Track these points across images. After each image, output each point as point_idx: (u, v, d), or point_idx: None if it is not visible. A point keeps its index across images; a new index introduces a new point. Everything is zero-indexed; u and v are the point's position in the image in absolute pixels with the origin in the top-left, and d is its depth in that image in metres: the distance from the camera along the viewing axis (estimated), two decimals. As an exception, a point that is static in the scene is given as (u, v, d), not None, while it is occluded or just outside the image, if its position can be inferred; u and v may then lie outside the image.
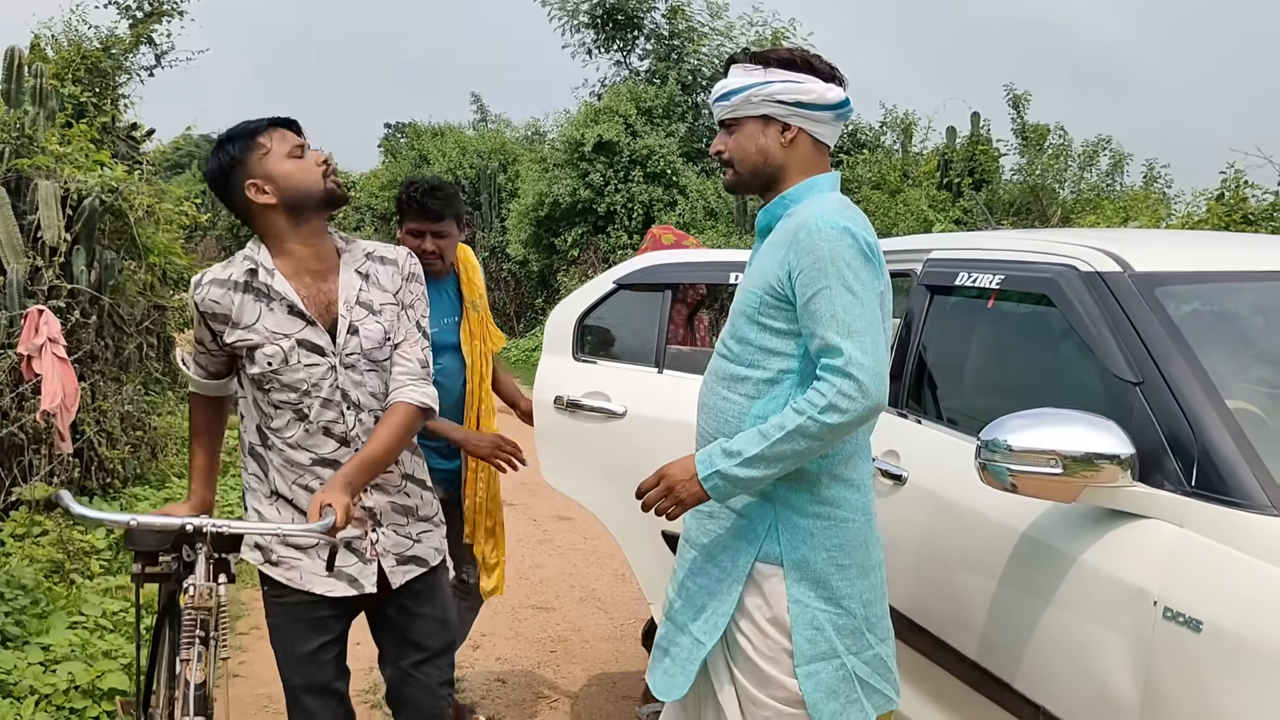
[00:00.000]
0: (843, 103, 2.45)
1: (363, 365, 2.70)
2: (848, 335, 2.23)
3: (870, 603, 2.45)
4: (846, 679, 2.40)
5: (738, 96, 2.44)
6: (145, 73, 11.19)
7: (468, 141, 23.61)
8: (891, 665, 2.51)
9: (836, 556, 2.39)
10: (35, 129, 6.82)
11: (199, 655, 2.41)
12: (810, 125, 2.44)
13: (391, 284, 2.78)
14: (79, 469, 6.35)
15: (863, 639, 2.43)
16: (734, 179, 2.54)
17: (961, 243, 3.48)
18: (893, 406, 3.34)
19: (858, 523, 2.42)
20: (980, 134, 14.26)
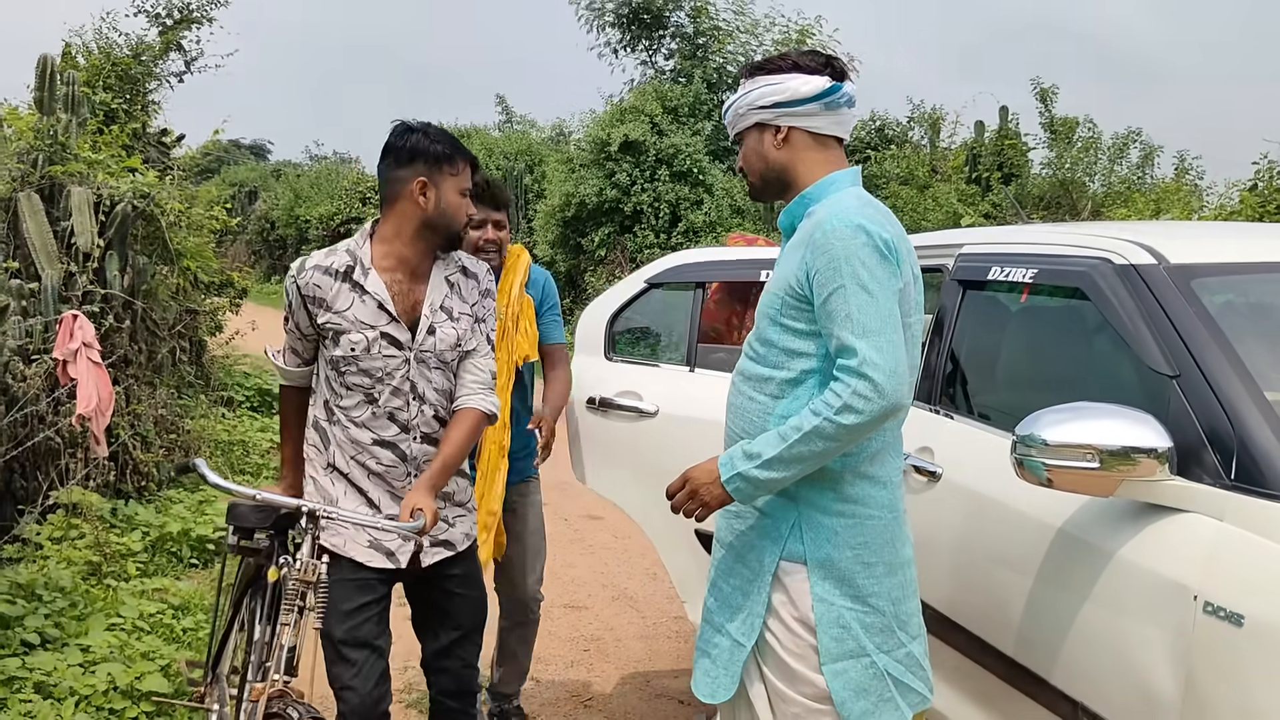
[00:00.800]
0: (826, 91, 2.43)
1: (433, 363, 2.92)
2: (862, 335, 2.22)
3: (900, 600, 2.43)
4: (878, 677, 2.38)
5: (730, 113, 2.55)
6: (175, 79, 11.29)
7: (493, 143, 23.69)
8: (924, 662, 2.49)
9: (862, 554, 2.38)
10: (68, 136, 6.88)
11: (295, 623, 2.65)
12: (798, 121, 2.45)
13: (471, 296, 3.00)
14: (114, 472, 6.41)
15: (894, 637, 2.41)
16: (751, 189, 2.62)
17: (993, 237, 3.46)
18: (926, 403, 3.33)
19: (884, 520, 2.40)
20: (1009, 128, 14.17)
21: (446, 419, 2.96)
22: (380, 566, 2.94)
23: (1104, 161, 13.35)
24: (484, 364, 3.00)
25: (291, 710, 2.58)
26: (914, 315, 2.41)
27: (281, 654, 2.65)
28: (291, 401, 3.12)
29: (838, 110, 2.46)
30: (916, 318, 2.44)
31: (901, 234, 2.40)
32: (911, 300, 2.40)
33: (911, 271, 2.40)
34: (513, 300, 3.68)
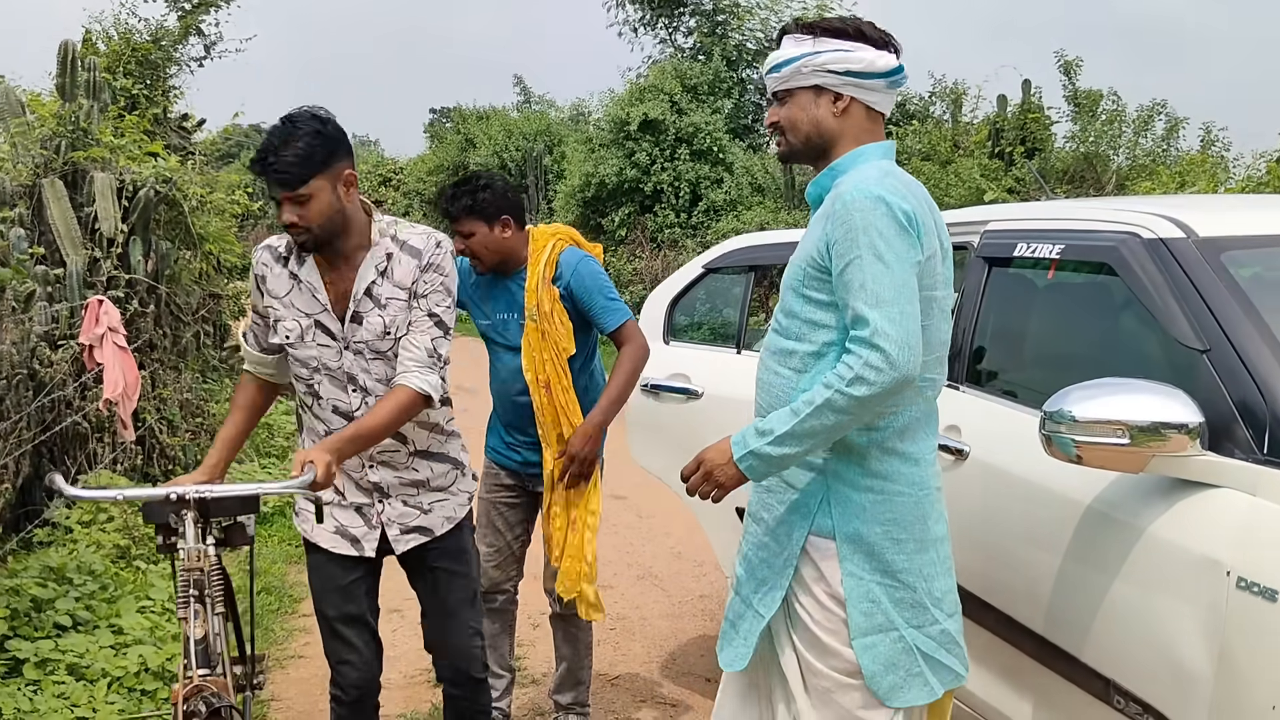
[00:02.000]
0: (895, 70, 2.41)
1: (368, 353, 2.86)
2: (875, 305, 2.18)
3: (933, 577, 2.39)
4: (907, 651, 2.36)
5: (789, 68, 2.41)
6: (195, 64, 11.32)
7: (512, 124, 23.66)
8: (960, 640, 2.46)
9: (891, 530, 2.35)
10: (90, 122, 6.90)
11: (196, 614, 2.49)
12: (863, 94, 2.40)
13: (407, 277, 2.85)
14: (141, 456, 6.46)
15: (926, 613, 2.37)
16: (787, 149, 2.51)
17: (1019, 213, 3.43)
18: (953, 380, 3.31)
19: (914, 496, 2.36)
20: (1032, 102, 14.05)
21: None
22: (344, 554, 2.98)
23: (1128, 134, 13.23)
24: (420, 340, 2.84)
25: (200, 704, 2.41)
26: (940, 289, 2.37)
27: (191, 648, 2.48)
28: (245, 388, 3.07)
29: (894, 90, 2.46)
30: (945, 292, 2.40)
31: (926, 207, 2.35)
32: (938, 274, 2.36)
33: (940, 245, 2.36)
34: (540, 298, 3.59)
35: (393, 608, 5.31)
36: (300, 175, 2.68)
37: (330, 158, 2.72)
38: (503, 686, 4.00)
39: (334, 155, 2.73)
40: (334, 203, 2.76)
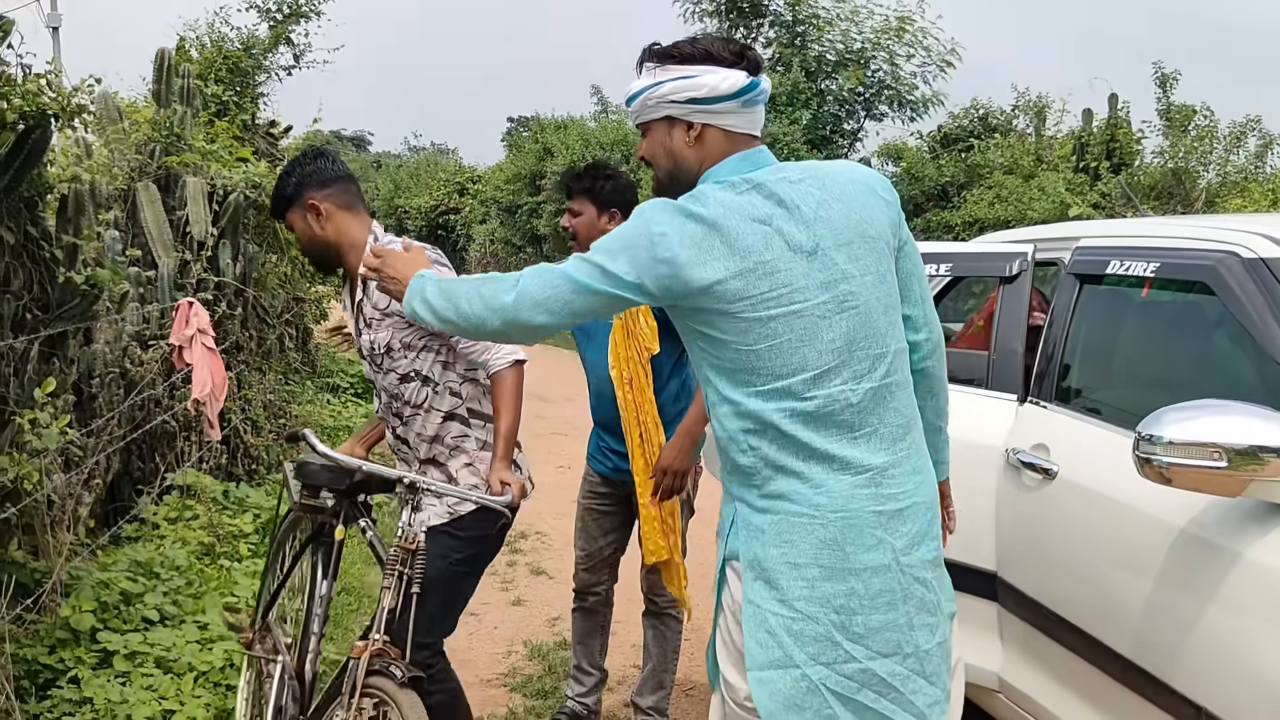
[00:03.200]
0: (745, 88, 2.23)
1: (373, 362, 3.18)
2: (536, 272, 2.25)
3: (850, 610, 2.13)
4: (812, 691, 2.13)
5: (637, 101, 2.31)
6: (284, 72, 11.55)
7: (590, 134, 23.75)
8: (900, 683, 2.15)
9: (788, 554, 2.14)
10: (183, 128, 7.07)
11: (391, 586, 2.80)
12: (714, 119, 2.24)
13: (383, 300, 3.07)
14: (226, 455, 6.59)
15: (836, 649, 2.13)
16: (656, 183, 2.39)
17: (1112, 230, 3.39)
18: (1040, 398, 3.27)
19: (820, 520, 2.13)
20: (1118, 116, 13.80)
21: (403, 414, 3.14)
22: None
23: (1219, 150, 12.94)
24: (463, 347, 3.09)
25: (394, 669, 2.71)
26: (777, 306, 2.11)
27: (382, 615, 2.78)
28: None
29: (755, 108, 2.27)
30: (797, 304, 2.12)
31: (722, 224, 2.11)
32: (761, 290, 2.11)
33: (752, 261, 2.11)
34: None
35: (469, 610, 5.36)
36: (276, 210, 3.21)
37: (296, 192, 3.13)
38: (591, 684, 4.06)
39: (300, 190, 3.12)
40: (307, 230, 3.15)
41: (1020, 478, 3.13)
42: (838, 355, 2.14)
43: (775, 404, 2.13)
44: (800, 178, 2.21)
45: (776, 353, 2.12)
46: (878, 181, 2.29)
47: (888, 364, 2.18)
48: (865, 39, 19.04)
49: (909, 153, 17.36)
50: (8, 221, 4.08)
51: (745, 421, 2.17)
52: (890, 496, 2.16)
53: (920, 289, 2.35)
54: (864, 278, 2.17)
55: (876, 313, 2.18)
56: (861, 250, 2.18)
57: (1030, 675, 3.10)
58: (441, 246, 29.80)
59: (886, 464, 2.17)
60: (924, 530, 2.21)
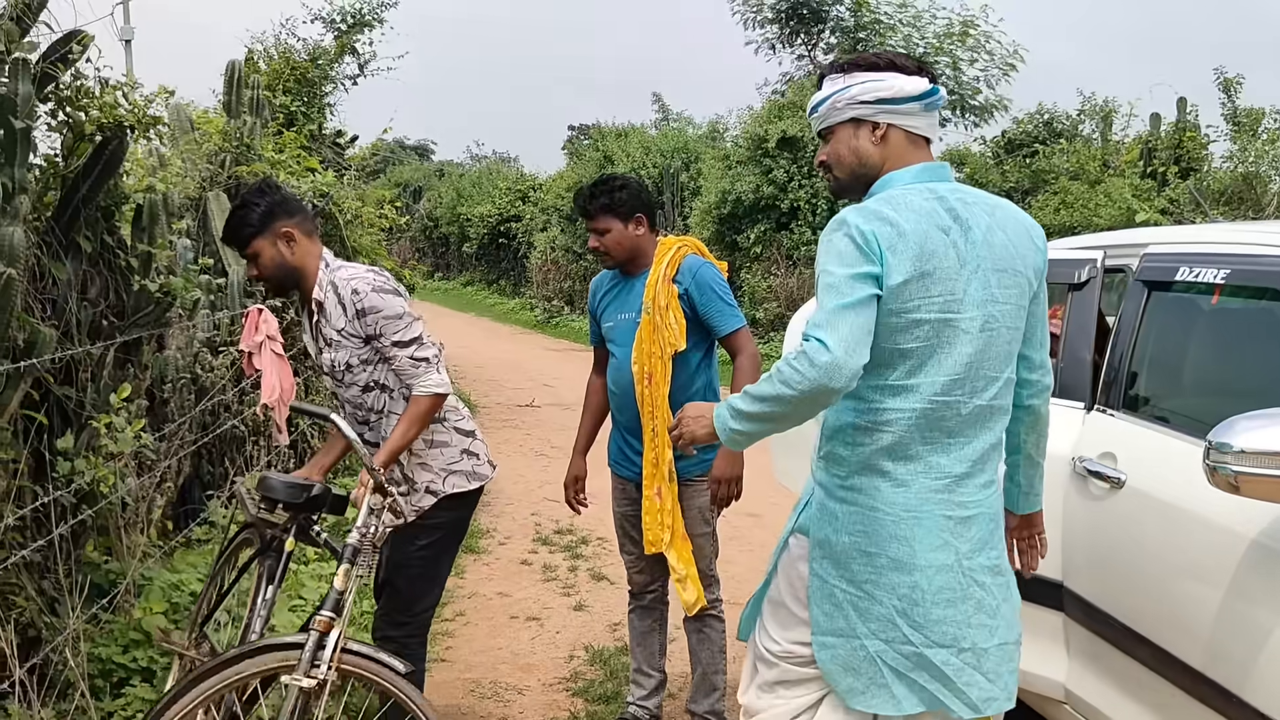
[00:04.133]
0: (928, 92, 2.43)
1: (333, 378, 3.46)
2: (817, 318, 2.24)
3: (914, 601, 2.34)
4: (869, 661, 2.37)
5: (825, 105, 2.49)
6: (349, 82, 11.73)
7: (650, 141, 23.83)
8: (954, 674, 2.33)
9: (861, 543, 2.37)
10: (253, 138, 7.20)
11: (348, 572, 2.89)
12: (898, 119, 2.43)
13: (339, 320, 3.33)
14: (293, 460, 6.70)
15: (895, 630, 2.35)
16: (835, 184, 2.57)
17: (1181, 236, 3.34)
18: (1108, 406, 3.24)
19: (894, 516, 2.34)
20: (1187, 120, 13.58)
21: (369, 420, 3.43)
22: None
23: (1292, 155, 12.68)
24: (399, 364, 3.32)
25: (394, 660, 2.82)
26: (933, 312, 2.28)
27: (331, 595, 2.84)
28: None
29: (933, 112, 2.47)
30: (949, 314, 2.28)
31: (926, 230, 2.29)
32: (933, 295, 2.27)
33: (938, 266, 2.27)
34: (658, 293, 3.71)
35: (531, 615, 5.41)
36: (243, 238, 3.33)
37: (267, 220, 3.30)
38: (651, 687, 4.07)
39: (270, 218, 3.30)
40: (276, 256, 3.34)
41: (1087, 486, 3.10)
42: (967, 368, 2.32)
43: (899, 400, 2.32)
44: (974, 201, 2.40)
45: (920, 353, 2.30)
46: (1034, 228, 2.47)
47: (998, 388, 2.37)
48: (928, 44, 18.91)
49: (972, 159, 17.22)
50: (85, 231, 4.20)
51: (861, 417, 2.36)
52: (961, 504, 2.35)
53: (1042, 334, 2.52)
54: (1006, 305, 2.35)
55: (1005, 340, 2.36)
56: (1010, 281, 2.36)
57: (1097, 686, 3.07)
58: (503, 254, 30.09)
59: (965, 474, 2.35)
60: (986, 538, 2.39)
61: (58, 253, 4.06)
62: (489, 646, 5.00)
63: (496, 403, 12.34)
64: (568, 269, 24.28)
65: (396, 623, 3.47)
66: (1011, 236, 2.37)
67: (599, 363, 4.07)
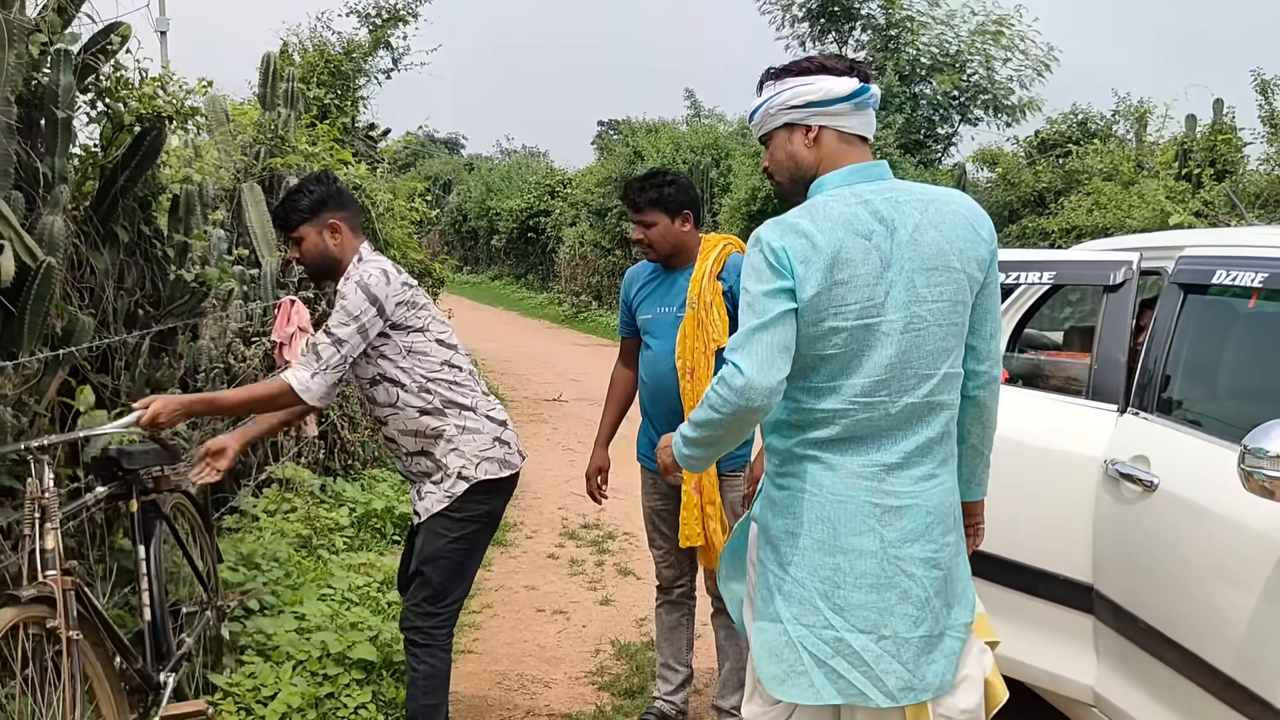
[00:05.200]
0: (856, 91, 2.42)
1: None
2: (734, 341, 2.30)
3: (837, 585, 2.34)
4: (790, 647, 2.37)
5: (759, 113, 2.53)
6: (383, 75, 11.78)
7: (680, 137, 23.78)
8: (873, 661, 2.31)
9: (789, 524, 2.40)
10: (287, 130, 7.25)
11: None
12: (829, 120, 2.43)
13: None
14: (323, 451, 6.75)
15: (818, 614, 2.35)
16: (778, 189, 2.59)
17: (1218, 239, 3.32)
18: (1142, 409, 3.22)
19: (822, 499, 2.36)
20: (1223, 122, 13.43)
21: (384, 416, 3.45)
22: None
23: (1330, 158, 12.51)
24: (307, 341, 3.52)
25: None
26: (850, 319, 2.28)
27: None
28: None
29: (865, 110, 2.46)
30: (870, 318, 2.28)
31: (843, 236, 2.29)
32: (849, 303, 2.28)
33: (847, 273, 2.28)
34: (703, 289, 3.74)
35: (558, 609, 5.43)
36: (291, 222, 3.44)
37: (318, 208, 3.40)
38: (678, 682, 4.08)
39: (321, 207, 3.41)
40: (319, 245, 3.43)
41: (1119, 489, 3.09)
42: (890, 370, 2.31)
43: (824, 401, 2.34)
44: (905, 199, 2.37)
45: (840, 358, 2.31)
46: (979, 220, 2.42)
47: (933, 384, 2.34)
48: (960, 42, 18.81)
49: (1005, 158, 17.10)
50: (123, 221, 4.24)
51: (791, 415, 2.40)
52: (892, 493, 2.35)
53: (991, 325, 2.47)
54: (937, 304, 2.33)
55: (936, 338, 2.34)
56: (941, 279, 2.33)
57: (1126, 690, 3.06)
58: (532, 248, 30.12)
59: (897, 464, 2.35)
60: (922, 531, 2.36)
61: (96, 242, 4.11)
62: (516, 639, 5.03)
63: (524, 397, 12.37)
64: (596, 264, 24.28)
65: (426, 613, 3.49)
66: (946, 232, 2.34)
67: (628, 353, 4.09)
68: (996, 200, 15.58)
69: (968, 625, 2.42)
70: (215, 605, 3.98)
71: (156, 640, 3.37)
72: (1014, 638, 3.27)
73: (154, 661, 3.32)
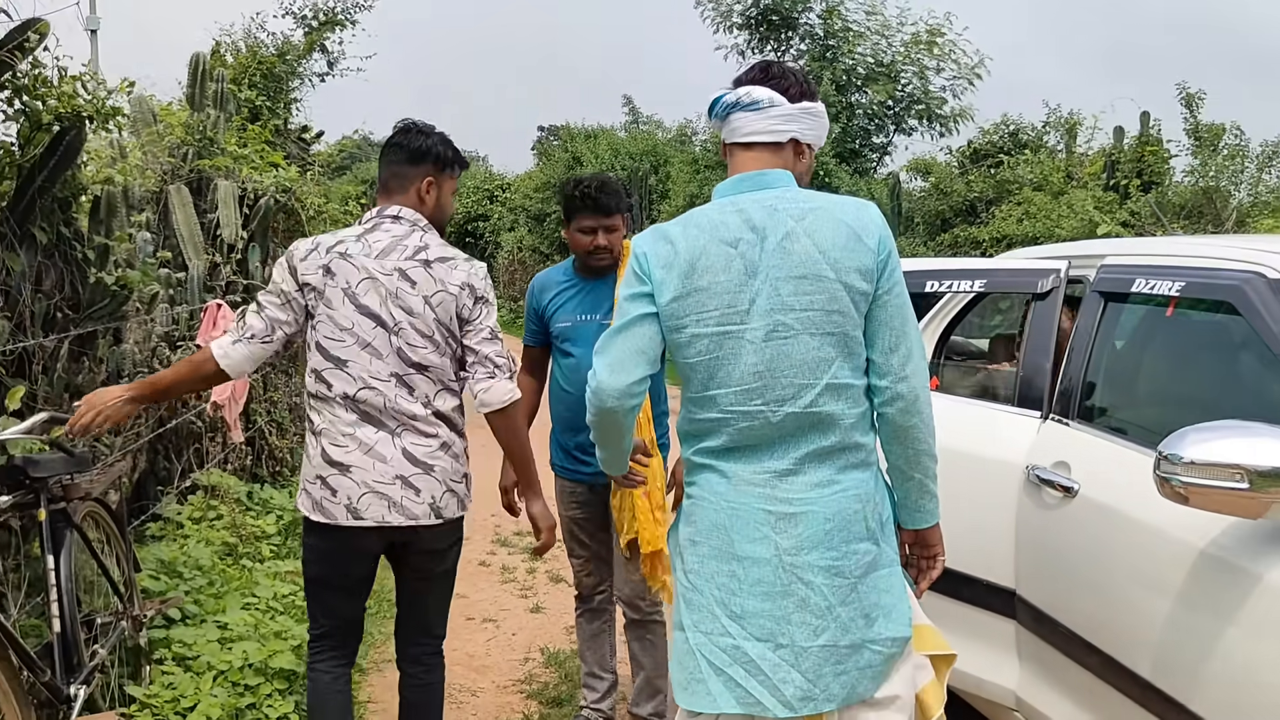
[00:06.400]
0: (712, 102, 2.51)
1: None
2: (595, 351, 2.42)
3: (731, 590, 2.34)
4: (690, 654, 2.38)
5: None
6: (317, 79, 11.65)
7: (619, 143, 23.84)
8: (770, 670, 2.29)
9: (691, 533, 2.43)
10: (216, 131, 7.13)
11: None
12: (722, 133, 2.54)
13: None
14: (250, 456, 6.64)
15: (715, 622, 2.35)
16: None
17: (1138, 249, 3.37)
18: (1063, 416, 3.26)
19: (717, 506, 2.38)
20: (1150, 134, 13.73)
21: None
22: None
23: (1251, 170, 12.83)
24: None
25: None
26: (710, 326, 2.32)
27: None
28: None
29: (726, 119, 2.49)
30: (724, 327, 2.32)
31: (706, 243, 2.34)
32: (708, 309, 2.32)
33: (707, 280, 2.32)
34: None
35: (487, 617, 5.38)
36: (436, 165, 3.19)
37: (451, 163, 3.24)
38: (603, 689, 4.07)
39: (453, 164, 3.25)
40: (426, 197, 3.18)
41: (1041, 495, 3.12)
42: (760, 379, 2.32)
43: (704, 410, 2.39)
44: (784, 208, 2.35)
45: (706, 366, 2.35)
46: (866, 229, 2.34)
47: (815, 394, 2.31)
48: (895, 52, 19.03)
49: (938, 168, 17.34)
50: (41, 222, 4.13)
51: (687, 424, 2.46)
52: (785, 500, 2.33)
53: (890, 339, 2.35)
54: (805, 312, 2.30)
55: (809, 347, 2.30)
56: (812, 286, 2.30)
57: (1048, 694, 3.09)
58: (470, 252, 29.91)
59: (788, 470, 2.34)
60: (820, 538, 2.31)
61: (12, 243, 4.00)
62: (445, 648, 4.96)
63: (459, 402, 12.27)
64: (534, 269, 24.24)
65: (430, 636, 3.47)
66: (820, 240, 2.30)
67: (534, 363, 4.00)
68: (929, 209, 15.78)
69: (899, 640, 2.36)
70: (132, 615, 3.88)
71: (66, 652, 3.27)
72: (939, 643, 3.29)
73: (64, 674, 3.22)
